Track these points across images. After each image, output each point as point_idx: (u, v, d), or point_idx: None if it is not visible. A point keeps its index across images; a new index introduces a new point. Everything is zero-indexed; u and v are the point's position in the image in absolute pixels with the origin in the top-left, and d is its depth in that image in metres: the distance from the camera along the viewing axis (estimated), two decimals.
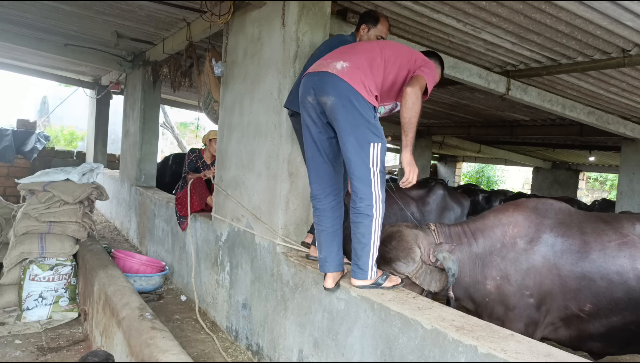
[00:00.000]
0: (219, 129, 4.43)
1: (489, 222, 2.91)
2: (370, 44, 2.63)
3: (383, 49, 2.53)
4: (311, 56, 3.03)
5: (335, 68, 2.38)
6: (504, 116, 9.01)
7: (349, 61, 2.41)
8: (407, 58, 2.56)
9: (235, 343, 3.76)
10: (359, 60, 2.43)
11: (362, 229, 2.41)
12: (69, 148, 13.07)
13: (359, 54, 2.47)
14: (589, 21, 3.61)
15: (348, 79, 2.34)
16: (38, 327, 3.92)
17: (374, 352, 2.30)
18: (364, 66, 2.41)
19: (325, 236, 2.59)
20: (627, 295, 2.62)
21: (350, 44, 2.75)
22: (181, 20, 5.25)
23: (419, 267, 2.78)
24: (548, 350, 1.79)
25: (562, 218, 2.84)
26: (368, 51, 2.51)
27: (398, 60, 2.52)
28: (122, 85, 8.34)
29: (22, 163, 9.81)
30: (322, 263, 2.59)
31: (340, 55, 2.49)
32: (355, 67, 2.39)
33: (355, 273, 2.47)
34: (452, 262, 2.71)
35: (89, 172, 4.56)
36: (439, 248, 2.78)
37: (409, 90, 2.40)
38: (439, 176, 17.45)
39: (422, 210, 5.10)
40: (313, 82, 2.44)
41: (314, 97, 2.44)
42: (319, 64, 2.50)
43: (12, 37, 6.58)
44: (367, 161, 2.36)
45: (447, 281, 2.75)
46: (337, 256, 2.59)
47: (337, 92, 2.35)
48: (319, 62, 2.52)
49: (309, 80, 2.48)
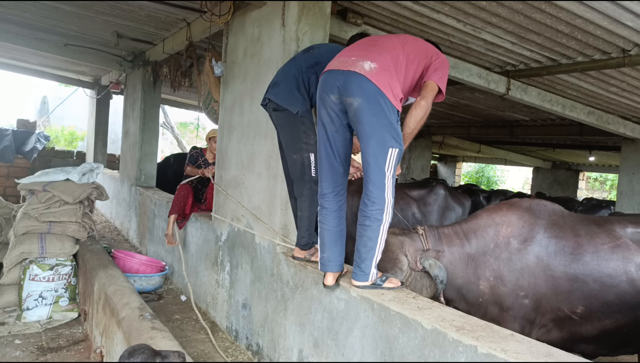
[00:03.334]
0: (219, 129, 4.43)
1: (481, 222, 2.87)
2: (393, 41, 2.54)
3: (405, 46, 2.49)
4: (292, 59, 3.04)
5: (364, 68, 2.32)
6: (504, 116, 9.01)
7: (377, 61, 2.34)
8: (424, 53, 2.53)
9: (235, 343, 3.76)
10: (385, 60, 2.37)
11: (370, 232, 2.40)
12: (69, 148, 13.07)
13: (384, 53, 2.41)
14: (589, 21, 3.61)
15: (377, 82, 2.29)
16: (38, 327, 3.92)
17: (374, 352, 2.30)
18: (390, 67, 2.36)
19: (330, 235, 2.58)
20: (619, 297, 2.62)
21: (370, 38, 2.70)
22: (181, 20, 5.25)
23: (408, 275, 2.75)
24: (548, 350, 1.79)
25: (556, 219, 2.82)
26: (392, 48, 2.45)
27: (417, 57, 2.50)
28: (122, 85, 8.34)
29: (22, 163, 9.81)
30: (325, 262, 2.58)
31: (365, 53, 2.42)
32: (383, 69, 2.33)
33: (356, 275, 2.47)
34: (439, 269, 2.67)
35: (89, 172, 4.56)
36: (425, 254, 2.74)
37: (423, 103, 2.40)
38: (439, 176, 17.44)
39: (423, 210, 5.09)
40: (339, 81, 2.36)
41: (339, 96, 2.38)
42: (343, 61, 2.42)
43: (12, 37, 6.58)
44: (383, 165, 2.34)
45: (437, 288, 2.72)
46: (340, 256, 2.59)
47: (365, 94, 2.30)
48: (342, 58, 2.45)
49: (333, 78, 2.40)
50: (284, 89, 2.86)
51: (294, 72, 2.88)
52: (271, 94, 2.91)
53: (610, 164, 13.79)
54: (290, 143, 2.89)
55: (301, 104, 2.83)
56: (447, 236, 2.87)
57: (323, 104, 2.47)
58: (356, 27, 4.04)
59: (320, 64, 2.87)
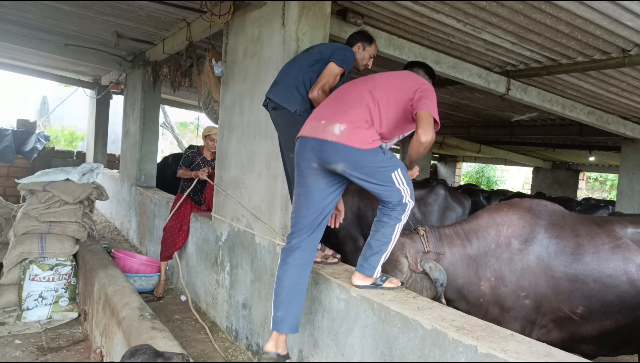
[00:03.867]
0: (219, 129, 4.43)
1: (482, 222, 2.87)
2: (359, 89, 2.46)
3: (373, 92, 2.41)
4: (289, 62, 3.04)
5: (335, 134, 2.29)
6: (504, 116, 9.02)
7: (345, 121, 2.30)
8: (405, 90, 2.44)
9: (235, 343, 3.76)
10: (353, 117, 2.32)
11: (387, 230, 2.41)
12: (69, 148, 13.07)
13: (351, 110, 2.35)
14: (589, 21, 3.61)
15: (351, 143, 2.27)
16: (38, 327, 3.92)
17: (374, 352, 2.30)
18: (360, 120, 2.32)
19: (287, 293, 2.44)
20: (620, 298, 2.62)
21: (338, 91, 2.59)
22: (181, 20, 5.25)
23: (408, 277, 2.75)
24: (548, 350, 1.79)
25: (556, 219, 2.82)
26: (359, 101, 2.39)
27: (392, 98, 2.41)
28: (122, 85, 8.34)
29: (22, 163, 9.82)
30: (278, 321, 2.43)
31: (332, 113, 2.37)
32: (354, 127, 2.29)
33: (362, 268, 2.45)
34: (439, 272, 2.67)
35: (89, 172, 4.56)
36: (425, 257, 2.74)
37: (423, 140, 2.29)
38: (439, 176, 17.45)
39: (423, 211, 5.09)
40: (315, 151, 2.36)
41: (319, 163, 2.38)
42: (314, 127, 2.37)
43: (12, 37, 6.58)
44: (395, 187, 2.35)
45: (437, 291, 2.72)
46: (295, 318, 2.45)
47: (344, 158, 2.30)
48: (313, 123, 2.40)
49: (308, 146, 2.38)
50: (283, 88, 2.87)
51: (294, 71, 2.89)
52: (271, 92, 2.92)
53: (610, 164, 13.79)
54: (288, 142, 2.89)
55: (299, 104, 2.83)
56: (448, 237, 2.87)
57: (307, 167, 2.44)
58: (356, 27, 4.04)
59: (320, 62, 2.88)
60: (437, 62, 4.80)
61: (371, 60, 3.19)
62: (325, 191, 2.46)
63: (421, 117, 2.32)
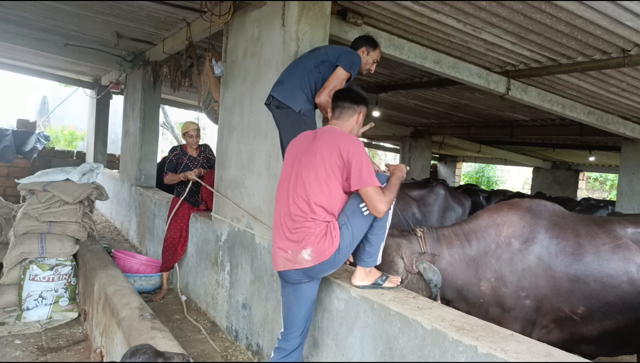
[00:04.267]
0: (218, 129, 4.43)
1: (482, 223, 2.86)
2: (289, 193, 2.42)
3: (303, 187, 2.37)
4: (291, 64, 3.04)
5: (306, 260, 2.32)
6: (504, 116, 9.01)
7: (310, 246, 2.30)
8: (334, 164, 2.32)
9: (235, 343, 3.76)
10: (313, 233, 2.30)
11: (381, 221, 2.42)
12: (69, 148, 13.07)
13: (310, 229, 2.31)
14: (589, 21, 3.61)
15: (322, 258, 2.31)
16: (38, 327, 3.92)
17: (374, 352, 2.30)
18: (318, 233, 2.30)
19: None
20: (620, 298, 2.62)
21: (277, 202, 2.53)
22: (181, 20, 5.25)
23: (405, 278, 2.74)
24: (548, 350, 1.79)
25: (556, 219, 2.82)
26: (301, 214, 2.35)
27: (333, 173, 2.33)
28: (122, 85, 8.35)
29: (22, 163, 9.82)
30: None
31: (295, 236, 2.35)
32: (317, 245, 2.29)
33: (365, 263, 2.46)
34: (432, 273, 2.67)
35: (89, 172, 4.56)
36: (421, 258, 2.74)
37: (382, 210, 2.26)
38: (439, 176, 17.44)
39: (423, 211, 5.10)
40: (296, 279, 2.41)
41: (303, 282, 2.44)
42: (284, 258, 2.39)
43: (12, 37, 6.59)
44: (370, 218, 2.35)
45: (431, 292, 2.72)
46: None
47: (321, 272, 2.39)
48: (280, 254, 2.41)
49: (289, 278, 2.43)
50: (287, 87, 2.88)
51: (299, 71, 2.90)
52: (275, 91, 2.93)
53: (610, 164, 13.80)
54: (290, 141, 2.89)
55: (303, 103, 2.84)
56: (447, 238, 2.86)
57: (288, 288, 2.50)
58: (356, 27, 4.04)
59: (326, 63, 2.90)
60: (437, 62, 4.80)
61: (374, 65, 3.20)
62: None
63: (367, 195, 2.26)
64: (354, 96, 2.57)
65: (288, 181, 2.46)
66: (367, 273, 2.49)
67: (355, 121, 2.57)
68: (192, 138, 4.86)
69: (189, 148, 4.94)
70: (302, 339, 2.53)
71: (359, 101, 2.57)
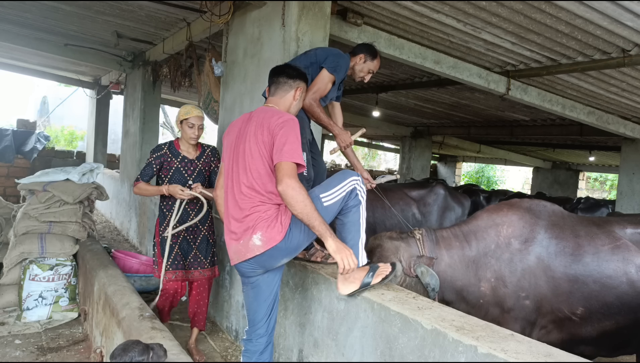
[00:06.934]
0: (218, 129, 4.43)
1: (482, 223, 2.85)
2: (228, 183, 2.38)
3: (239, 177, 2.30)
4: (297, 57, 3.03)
5: (257, 245, 2.24)
6: (504, 116, 9.02)
7: (260, 229, 2.22)
8: (264, 138, 2.23)
9: (235, 343, 3.76)
10: (262, 216, 2.23)
11: (353, 216, 2.34)
12: (69, 148, 13.08)
13: (254, 213, 2.24)
14: (589, 21, 3.61)
15: (272, 243, 2.23)
16: (38, 327, 3.92)
17: (374, 352, 2.30)
18: (269, 215, 2.23)
19: None
20: (619, 299, 2.61)
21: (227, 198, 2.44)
22: (181, 20, 5.26)
23: (402, 281, 2.73)
24: (548, 350, 1.79)
25: (556, 220, 2.81)
26: (246, 200, 2.27)
27: (263, 152, 2.24)
28: (122, 85, 8.35)
29: (22, 163, 9.82)
30: None
31: (240, 221, 2.30)
32: (269, 237, 2.22)
33: None
34: (430, 277, 2.66)
35: (89, 172, 4.56)
36: (419, 261, 2.72)
37: (281, 190, 2.08)
38: (439, 176, 17.46)
39: (422, 211, 5.10)
40: (249, 268, 2.36)
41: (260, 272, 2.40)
42: (236, 251, 2.33)
43: (12, 37, 6.59)
44: (337, 203, 2.28)
45: (429, 296, 2.69)
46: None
47: (275, 261, 2.32)
48: (234, 246, 2.35)
49: (244, 269, 2.40)
50: None
51: None
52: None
53: (610, 164, 13.81)
54: None
55: None
56: (446, 240, 2.86)
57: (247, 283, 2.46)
58: (356, 27, 4.04)
59: (314, 65, 2.90)
60: (437, 62, 4.80)
61: (369, 75, 3.14)
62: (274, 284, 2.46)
63: (280, 169, 2.12)
64: (290, 70, 2.45)
65: (230, 170, 2.36)
66: (351, 276, 2.31)
67: (292, 97, 2.44)
68: (192, 128, 3.27)
69: (182, 145, 3.36)
70: (267, 339, 2.42)
71: (296, 76, 2.44)
